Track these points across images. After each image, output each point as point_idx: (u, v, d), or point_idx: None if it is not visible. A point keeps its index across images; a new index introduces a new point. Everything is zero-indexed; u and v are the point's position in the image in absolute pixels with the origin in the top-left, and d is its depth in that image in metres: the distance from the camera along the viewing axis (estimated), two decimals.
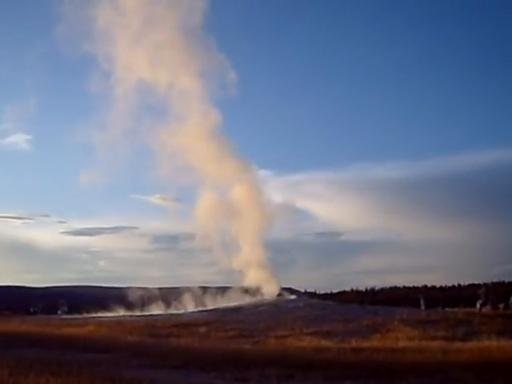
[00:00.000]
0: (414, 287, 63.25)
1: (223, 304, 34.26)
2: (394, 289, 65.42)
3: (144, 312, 34.95)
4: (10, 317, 32.61)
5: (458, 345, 13.99)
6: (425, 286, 64.09)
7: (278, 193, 71.29)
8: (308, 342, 16.59)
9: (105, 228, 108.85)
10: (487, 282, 40.93)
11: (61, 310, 42.52)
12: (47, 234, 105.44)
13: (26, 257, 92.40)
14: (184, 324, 23.28)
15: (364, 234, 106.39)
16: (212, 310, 31.61)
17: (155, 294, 40.01)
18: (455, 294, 54.50)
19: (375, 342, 16.34)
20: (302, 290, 51.86)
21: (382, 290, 65.38)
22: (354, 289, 65.27)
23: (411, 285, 65.62)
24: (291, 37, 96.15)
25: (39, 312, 42.57)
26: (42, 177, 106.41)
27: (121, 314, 34.85)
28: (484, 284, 35.12)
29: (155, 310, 36.00)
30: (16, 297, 60.87)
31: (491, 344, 13.12)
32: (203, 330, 20.93)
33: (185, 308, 35.46)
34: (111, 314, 34.36)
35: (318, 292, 60.08)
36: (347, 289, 65.32)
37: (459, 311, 25.59)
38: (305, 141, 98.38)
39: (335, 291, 64.21)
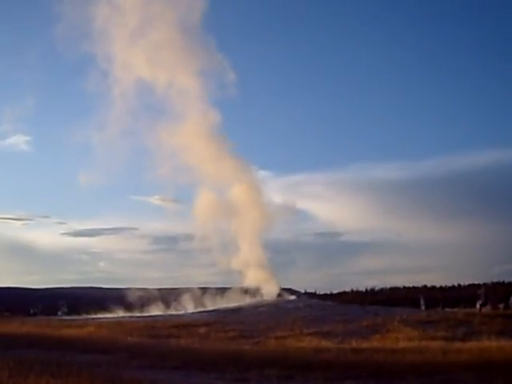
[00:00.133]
0: (413, 287, 63.15)
1: (223, 305, 34.20)
2: (394, 289, 65.28)
3: (144, 313, 34.89)
4: (10, 318, 32.63)
5: (458, 345, 14.00)
6: (425, 287, 64.03)
7: (277, 193, 71.04)
8: (308, 342, 16.59)
9: (105, 229, 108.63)
10: (487, 282, 41.13)
11: (61, 311, 42.47)
12: (47, 235, 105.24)
13: (26, 258, 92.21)
14: (184, 325, 23.24)
15: (364, 234, 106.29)
16: (212, 310, 31.57)
17: (155, 295, 39.92)
18: (455, 294, 54.42)
19: (375, 342, 16.34)
20: (302, 291, 51.96)
21: (382, 291, 65.30)
22: (354, 289, 65.20)
23: (411, 285, 65.64)
24: (291, 37, 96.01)
25: (39, 313, 42.48)
26: (42, 178, 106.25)
27: (120, 315, 34.80)
28: (484, 284, 35.22)
29: (155, 310, 35.90)
30: (16, 298, 60.79)
31: (491, 344, 13.14)
32: (203, 330, 20.90)
33: (184, 309, 35.41)
34: (111, 315, 34.26)
35: (317, 292, 60.00)
36: (347, 289, 65.28)
37: (459, 311, 25.57)
38: (304, 141, 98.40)
39: (335, 292, 64.18)
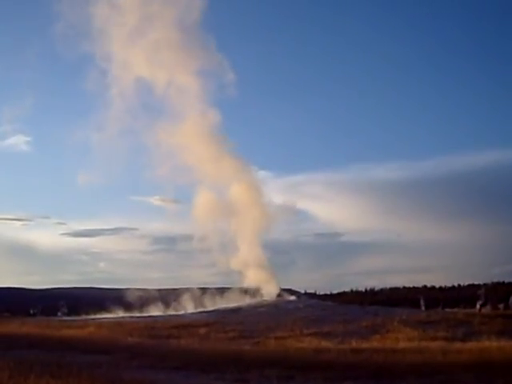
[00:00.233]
0: (413, 288, 63.22)
1: (223, 305, 34.19)
2: (394, 289, 65.31)
3: (144, 313, 34.89)
4: (10, 318, 32.61)
5: (458, 345, 13.98)
6: (425, 287, 64.11)
7: (277, 194, 71.20)
8: (308, 342, 16.60)
9: (104, 229, 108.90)
10: (487, 282, 41.27)
11: (61, 312, 42.42)
12: (47, 236, 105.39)
13: (26, 258, 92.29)
14: (184, 325, 23.26)
15: (364, 234, 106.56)
16: (212, 311, 31.58)
17: (155, 296, 39.94)
18: (455, 294, 54.42)
19: (375, 342, 16.35)
20: (302, 291, 52.01)
21: (382, 291, 65.33)
22: (354, 289, 65.33)
23: (411, 285, 65.77)
24: (290, 37, 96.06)
25: (39, 314, 42.46)
26: (42, 178, 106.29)
27: (120, 315, 34.78)
28: (484, 284, 35.34)
29: (155, 311, 35.91)
30: (16, 298, 60.79)
31: (491, 344, 13.13)
32: (203, 331, 20.91)
33: (184, 309, 35.42)
34: (111, 316, 34.25)
35: (317, 293, 60.08)
36: (347, 289, 65.41)
37: (459, 312, 25.60)
38: (304, 141, 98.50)
39: (335, 292, 64.31)
